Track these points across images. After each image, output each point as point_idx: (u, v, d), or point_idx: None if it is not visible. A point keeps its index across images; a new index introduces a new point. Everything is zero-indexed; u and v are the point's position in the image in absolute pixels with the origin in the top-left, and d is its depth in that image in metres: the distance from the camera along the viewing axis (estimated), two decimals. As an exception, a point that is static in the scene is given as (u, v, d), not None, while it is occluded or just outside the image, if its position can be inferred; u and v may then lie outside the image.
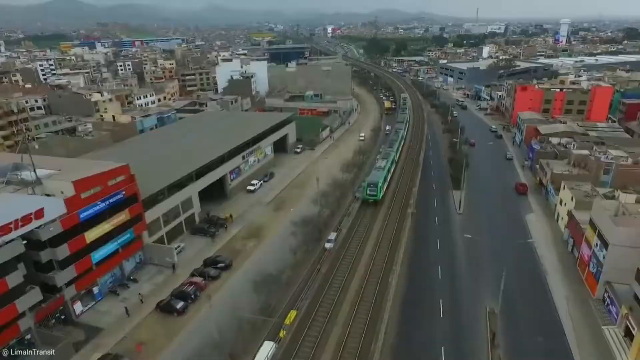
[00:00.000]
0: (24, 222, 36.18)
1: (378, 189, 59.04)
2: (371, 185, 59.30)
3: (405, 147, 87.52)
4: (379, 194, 59.39)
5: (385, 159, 68.27)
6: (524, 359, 37.19)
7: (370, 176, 62.12)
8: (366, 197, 59.51)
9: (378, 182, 59.39)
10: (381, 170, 63.58)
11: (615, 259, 42.07)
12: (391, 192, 65.29)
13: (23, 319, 36.78)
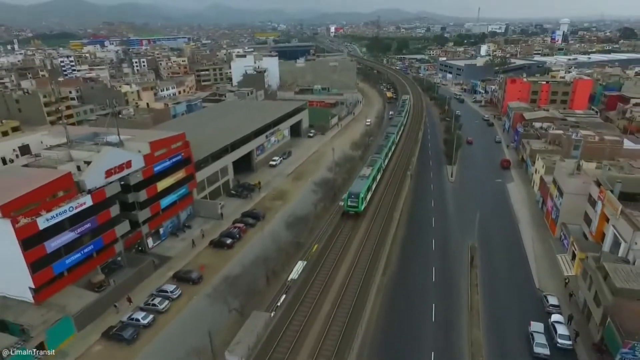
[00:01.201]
0: (120, 169, 48.30)
1: (359, 200, 54.03)
2: (352, 196, 54.37)
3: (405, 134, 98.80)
4: (361, 206, 54.32)
5: (370, 167, 63.53)
6: (494, 273, 49.12)
7: (353, 186, 57.40)
8: (347, 208, 54.75)
9: (360, 192, 54.41)
10: (365, 179, 58.70)
11: (568, 204, 54.09)
12: (394, 162, 76.82)
13: (117, 243, 48.87)
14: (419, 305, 43.93)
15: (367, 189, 57.33)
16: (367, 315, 38.43)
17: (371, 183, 59.74)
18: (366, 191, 56.58)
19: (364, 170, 62.28)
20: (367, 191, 57.45)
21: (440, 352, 37.45)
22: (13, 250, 37.68)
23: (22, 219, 37.62)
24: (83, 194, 43.66)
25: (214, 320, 39.77)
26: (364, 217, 55.73)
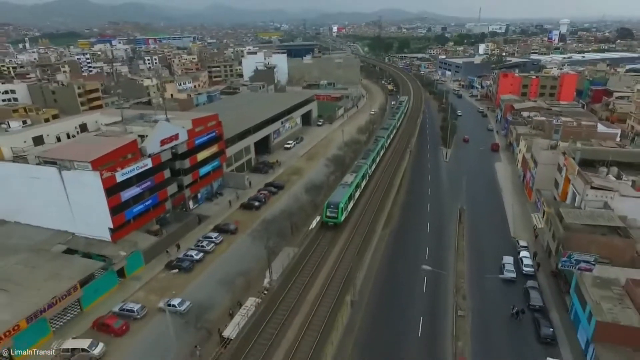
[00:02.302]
0: (170, 140, 58.85)
1: (339, 210, 49.89)
2: (331, 206, 50.26)
3: (405, 121, 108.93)
4: (340, 217, 50.25)
5: (354, 174, 59.48)
6: (477, 227, 59.58)
7: (333, 194, 53.53)
8: (325, 219, 50.69)
9: (339, 202, 50.23)
10: (347, 187, 54.69)
11: (542, 173, 64.63)
12: (395, 143, 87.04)
13: (167, 202, 59.47)
14: (415, 248, 54.48)
15: (349, 198, 53.14)
16: (370, 255, 48.82)
17: (353, 191, 55.64)
18: (347, 201, 52.20)
19: (347, 177, 58.10)
20: (349, 200, 53.17)
21: (430, 279, 47.84)
22: (98, 197, 48.30)
23: (105, 172, 48.23)
24: (145, 157, 54.32)
25: (252, 256, 50.34)
26: (369, 187, 65.41)
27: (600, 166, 56.94)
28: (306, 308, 37.58)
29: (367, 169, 64.75)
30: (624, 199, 49.21)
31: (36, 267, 45.53)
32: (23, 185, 52.12)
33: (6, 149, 58.02)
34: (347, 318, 39.39)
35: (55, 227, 52.97)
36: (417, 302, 44.13)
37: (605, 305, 35.29)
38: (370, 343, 38.31)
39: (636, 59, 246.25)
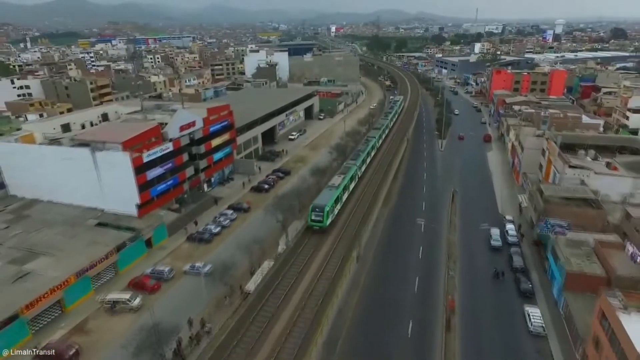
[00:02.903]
0: (188, 126, 64.36)
1: (324, 214, 47.95)
2: (316, 210, 48.47)
3: (403, 113, 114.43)
4: (326, 221, 48.43)
5: (342, 175, 57.61)
6: (468, 206, 65.34)
7: (319, 197, 51.93)
8: (310, 223, 49.07)
9: (325, 205, 48.37)
10: (333, 190, 52.81)
11: (527, 158, 70.44)
12: (393, 133, 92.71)
13: (185, 183, 64.97)
14: (412, 221, 60.22)
15: (335, 201, 51.28)
16: (371, 225, 54.54)
17: (340, 194, 53.69)
18: (333, 204, 50.37)
19: (334, 179, 56.32)
20: (335, 203, 51.30)
21: (425, 246, 53.60)
22: (127, 176, 53.78)
23: (134, 153, 53.71)
24: (167, 141, 59.83)
25: (265, 228, 55.90)
26: (368, 171, 70.76)
27: (579, 150, 62.99)
28: (317, 264, 43.32)
29: (356, 170, 62.25)
30: (598, 177, 55.11)
31: (74, 237, 51.02)
32: (56, 166, 57.50)
33: (38, 135, 63.54)
34: (353, 270, 45.18)
35: (86, 205, 58.35)
36: (414, 265, 49.83)
37: (574, 260, 41.07)
38: (372, 294, 44.07)
39: (627, 58, 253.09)
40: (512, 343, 37.63)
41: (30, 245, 49.21)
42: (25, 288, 40.72)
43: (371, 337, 38.60)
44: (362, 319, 40.74)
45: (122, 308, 41.73)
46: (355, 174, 61.77)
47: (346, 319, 40.20)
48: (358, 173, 64.17)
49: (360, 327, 39.76)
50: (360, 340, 38.18)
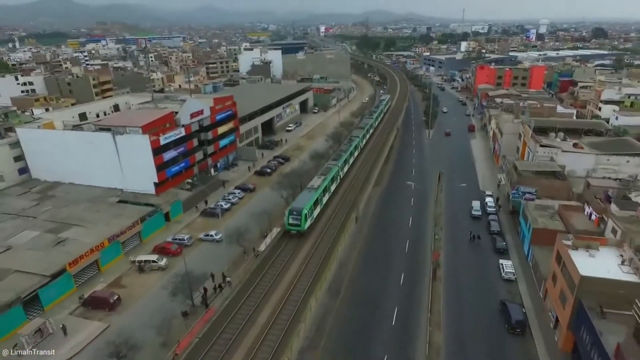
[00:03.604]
0: (197, 114, 70.23)
1: (302, 217, 46.61)
2: (293, 213, 47.01)
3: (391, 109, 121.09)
4: (304, 225, 46.96)
5: (322, 176, 56.23)
6: (453, 184, 72.38)
7: (296, 200, 50.59)
8: (287, 227, 47.81)
9: (303, 208, 46.98)
10: (312, 191, 51.35)
11: (506, 142, 77.81)
12: (385, 122, 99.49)
13: (195, 167, 70.81)
14: (402, 199, 67.01)
15: (314, 204, 49.58)
16: (364, 203, 61.20)
17: (320, 196, 51.92)
18: (312, 207, 48.72)
19: (314, 181, 54.75)
20: (314, 206, 49.56)
21: (415, 218, 60.37)
22: (147, 157, 59.53)
23: (152, 136, 59.48)
24: (179, 127, 65.67)
25: (271, 202, 62.05)
26: (361, 157, 77.19)
27: (550, 132, 70.49)
28: (319, 229, 49.83)
29: (338, 171, 60.49)
30: (565, 154, 62.59)
31: (100, 212, 56.63)
32: (78, 150, 63.02)
33: (58, 122, 68.89)
34: (352, 231, 51.86)
35: (105, 185, 63.96)
36: (404, 231, 56.56)
37: (540, 219, 48.14)
38: (369, 254, 50.69)
39: (605, 56, 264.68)
40: (487, 287, 44.51)
41: (61, 218, 54.72)
42: (66, 250, 46.37)
43: (369, 285, 45.13)
44: (361, 272, 47.31)
45: (151, 267, 47.61)
46: (336, 174, 59.64)
47: (347, 272, 46.72)
48: (340, 174, 61.89)
49: (359, 278, 46.32)
50: (360, 288, 44.68)
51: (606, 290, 31.19)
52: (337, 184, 61.44)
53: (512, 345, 36.64)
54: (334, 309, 40.96)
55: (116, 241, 49.57)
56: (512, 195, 55.18)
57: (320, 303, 40.67)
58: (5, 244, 48.22)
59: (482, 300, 42.44)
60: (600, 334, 29.01)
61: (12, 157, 67.44)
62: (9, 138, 67.51)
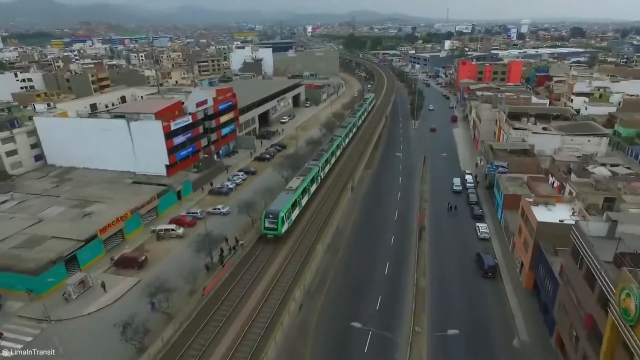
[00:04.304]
0: (202, 104, 76.08)
1: (279, 220, 44.71)
2: (270, 216, 45.12)
3: (379, 101, 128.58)
4: (281, 228, 45.13)
5: (301, 177, 54.51)
6: (437, 165, 79.67)
7: (273, 202, 48.74)
8: (263, 231, 45.89)
9: (280, 211, 45.20)
10: (291, 193, 49.72)
11: (484, 128, 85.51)
12: (374, 112, 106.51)
13: (200, 152, 76.61)
14: (392, 178, 74.02)
15: (292, 206, 47.92)
16: (357, 180, 68.02)
17: (299, 198, 50.10)
18: (289, 209, 46.89)
19: (292, 182, 53.12)
20: (292, 208, 47.78)
21: (403, 193, 67.38)
22: (159, 141, 65.20)
23: (164, 122, 65.21)
24: (187, 114, 71.46)
25: (273, 181, 68.27)
26: (353, 142, 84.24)
27: (523, 118, 78.30)
28: (318, 199, 56.41)
29: (318, 171, 58.42)
30: (535, 136, 70.38)
31: (117, 191, 62.13)
32: (93, 136, 68.29)
33: (72, 112, 74.00)
34: (349, 197, 58.69)
35: (118, 169, 69.31)
36: (394, 203, 63.54)
37: (511, 188, 55.51)
38: (363, 222, 57.46)
39: (581, 53, 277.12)
40: (466, 244, 51.67)
41: (82, 197, 60.08)
42: (93, 221, 51.93)
43: (364, 245, 51.88)
44: (356, 235, 54.05)
45: (169, 235, 53.49)
46: (316, 175, 57.77)
47: (344, 235, 53.40)
48: (320, 174, 60.06)
49: (355, 240, 53.06)
50: (355, 248, 51.39)
51: (557, 232, 38.35)
52: (318, 185, 58.79)
53: (485, 286, 43.75)
54: (334, 264, 47.58)
55: (137, 213, 55.27)
56: (487, 169, 62.66)
57: (321, 260, 47.15)
58: (37, 217, 53.55)
59: (460, 254, 49.59)
60: (551, 264, 36.23)
61: (29, 144, 72.30)
62: (25, 127, 72.29)
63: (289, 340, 35.88)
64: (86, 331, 37.48)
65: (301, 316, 39.24)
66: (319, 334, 37.50)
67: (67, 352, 34.23)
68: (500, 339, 36.54)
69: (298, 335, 37.02)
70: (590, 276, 27.46)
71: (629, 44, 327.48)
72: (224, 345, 32.60)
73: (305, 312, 39.90)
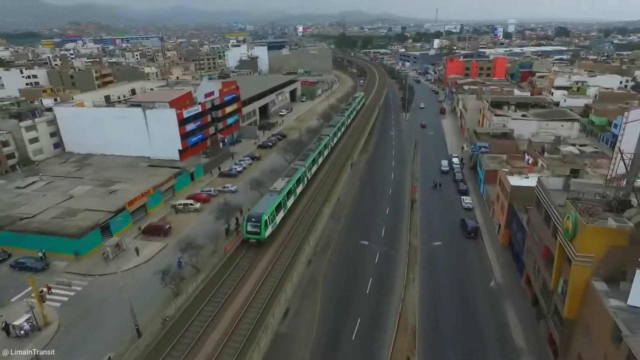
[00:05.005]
0: (209, 95, 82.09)
1: (262, 224, 42.00)
2: (252, 220, 42.34)
3: (372, 94, 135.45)
4: (264, 233, 42.36)
5: (287, 178, 51.65)
6: (426, 150, 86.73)
7: (256, 205, 45.97)
8: (246, 235, 42.88)
9: (263, 214, 42.35)
10: (275, 195, 46.83)
11: (470, 116, 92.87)
12: (365, 109, 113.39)
13: (208, 139, 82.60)
14: (385, 161, 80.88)
15: (276, 209, 44.99)
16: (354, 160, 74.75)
17: (283, 200, 47.30)
18: (273, 212, 43.99)
19: (277, 183, 50.29)
20: (276, 211, 44.97)
21: (396, 174, 74.23)
22: (173, 127, 71.13)
23: (177, 110, 71.14)
24: (197, 104, 77.44)
25: (278, 164, 74.54)
26: (346, 134, 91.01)
27: (504, 106, 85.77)
28: (320, 175, 63.02)
29: (305, 172, 55.62)
30: (514, 121, 77.78)
31: (137, 172, 67.95)
32: (110, 124, 73.94)
33: (88, 102, 79.46)
34: (348, 173, 65.61)
35: (134, 154, 75.01)
36: (388, 182, 70.37)
37: (492, 165, 62.63)
38: (361, 195, 64.17)
39: (564, 51, 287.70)
40: (452, 213, 58.63)
41: (105, 178, 65.79)
42: (119, 197, 57.78)
43: (362, 215, 58.59)
44: (355, 208, 60.73)
45: (188, 209, 59.53)
46: (303, 176, 54.77)
47: (345, 207, 60.02)
48: (307, 175, 57.09)
49: (354, 211, 59.74)
50: (355, 217, 58.07)
51: (527, 194, 45.24)
52: (304, 186, 55.98)
53: (468, 245, 50.71)
54: (337, 229, 54.18)
55: (158, 190, 61.22)
56: (471, 149, 69.75)
57: (326, 226, 53.58)
58: (67, 194, 59.22)
59: (447, 220, 56.63)
60: (522, 219, 43.23)
61: (49, 133, 77.63)
62: (45, 116, 77.61)
63: (300, 288, 42.23)
64: (127, 282, 43.45)
65: (310, 269, 45.70)
66: (325, 283, 43.99)
67: (119, 296, 40.13)
68: (480, 283, 43.45)
69: (308, 283, 43.51)
70: (547, 217, 34.39)
71: (609, 43, 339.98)
72: (244, 292, 37.77)
73: (314, 267, 46.39)
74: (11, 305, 40.41)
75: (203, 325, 32.29)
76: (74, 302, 40.73)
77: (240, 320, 32.84)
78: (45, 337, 36.02)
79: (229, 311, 34.06)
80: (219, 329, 31.90)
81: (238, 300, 35.57)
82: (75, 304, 40.33)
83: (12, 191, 61.17)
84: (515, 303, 39.75)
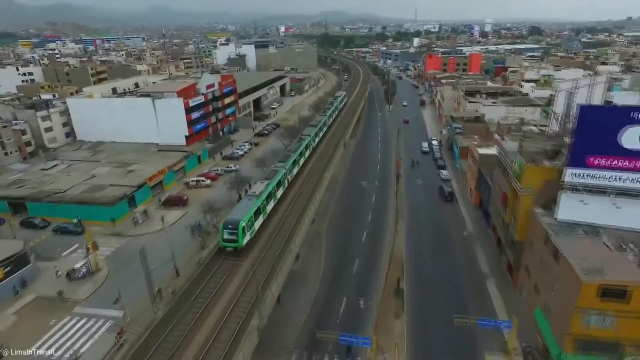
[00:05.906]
0: (210, 87, 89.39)
1: (239, 231, 38.80)
2: (229, 226, 39.11)
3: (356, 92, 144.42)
4: (242, 240, 39.25)
5: (266, 181, 48.51)
6: (409, 135, 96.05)
7: (233, 210, 42.79)
8: (222, 243, 39.66)
9: (240, 221, 39.04)
10: (253, 199, 43.50)
11: (446, 105, 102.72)
12: (352, 99, 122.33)
13: (210, 128, 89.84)
14: (372, 146, 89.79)
15: (255, 214, 41.92)
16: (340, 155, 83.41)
17: (262, 204, 44.41)
18: (251, 218, 40.95)
19: (256, 187, 47.32)
20: (255, 216, 41.91)
21: (382, 155, 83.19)
22: (180, 115, 78.28)
23: (184, 99, 78.30)
24: (200, 94, 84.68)
25: (276, 148, 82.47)
26: (337, 121, 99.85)
27: (477, 94, 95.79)
28: (315, 157, 71.40)
29: (285, 174, 53.24)
30: (485, 107, 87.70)
31: (149, 156, 74.87)
32: (120, 113, 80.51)
33: (97, 94, 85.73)
34: (342, 152, 74.05)
35: (143, 141, 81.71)
36: (376, 160, 79.25)
37: (465, 142, 72.11)
38: (353, 171, 72.79)
39: (536, 49, 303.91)
40: (431, 183, 67.89)
41: (120, 161, 72.52)
42: (138, 175, 64.76)
43: (354, 186, 67.23)
44: (348, 180, 69.37)
45: (200, 185, 66.96)
46: (283, 178, 52.22)
47: (339, 180, 68.52)
48: (288, 177, 54.73)
49: (347, 183, 68.33)
50: (348, 188, 66.66)
51: (493, 160, 54.55)
52: (285, 189, 53.52)
53: (445, 207, 59.93)
54: (333, 198, 62.62)
55: (172, 170, 68.42)
56: (447, 130, 79.22)
57: (323, 196, 61.89)
58: (90, 174, 65.86)
59: (427, 188, 66.04)
60: (488, 179, 52.53)
61: (61, 122, 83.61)
62: (58, 107, 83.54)
63: (307, 239, 50.45)
64: (158, 240, 50.92)
65: (314, 226, 53.98)
66: (327, 236, 52.38)
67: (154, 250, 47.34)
68: (455, 233, 52.57)
69: (313, 236, 51.81)
70: (504, 169, 43.58)
71: (578, 41, 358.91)
72: (257, 247, 45.18)
73: (317, 225, 54.71)
74: (61, 260, 47.35)
75: (229, 269, 38.36)
76: (117, 255, 47.95)
77: (259, 264, 38.73)
78: (99, 279, 43.29)
79: (247, 261, 39.17)
80: (241, 271, 38.00)
81: (255, 252, 41.15)
82: (118, 256, 47.57)
83: (38, 172, 67.44)
84: (483, 245, 48.99)
